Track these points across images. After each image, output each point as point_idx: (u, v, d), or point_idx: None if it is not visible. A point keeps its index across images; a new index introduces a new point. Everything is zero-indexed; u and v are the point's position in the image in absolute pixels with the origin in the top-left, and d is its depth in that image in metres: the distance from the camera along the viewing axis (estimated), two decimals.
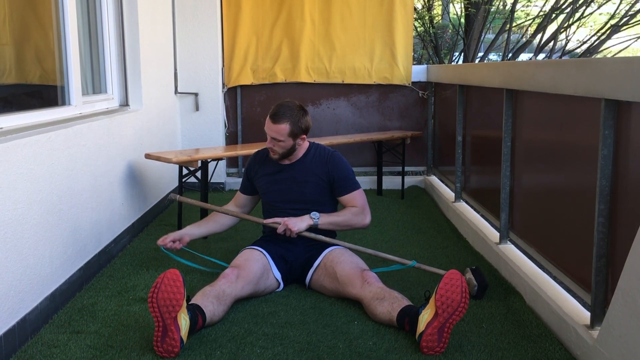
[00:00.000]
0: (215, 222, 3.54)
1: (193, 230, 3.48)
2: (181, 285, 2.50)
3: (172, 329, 2.48)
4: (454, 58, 10.88)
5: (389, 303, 2.80)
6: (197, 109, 5.87)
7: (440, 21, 11.71)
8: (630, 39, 9.72)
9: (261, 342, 2.65)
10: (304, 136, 3.33)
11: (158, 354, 2.50)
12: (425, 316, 2.56)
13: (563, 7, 9.40)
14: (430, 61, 10.63)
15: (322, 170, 3.39)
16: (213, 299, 2.81)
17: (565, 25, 9.59)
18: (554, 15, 9.56)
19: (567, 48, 10.24)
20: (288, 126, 3.23)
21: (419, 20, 9.93)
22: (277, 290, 3.25)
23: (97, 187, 3.60)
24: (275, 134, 3.26)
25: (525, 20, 10.75)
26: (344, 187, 3.39)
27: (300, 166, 3.39)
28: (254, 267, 3.11)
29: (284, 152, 3.32)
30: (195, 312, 2.67)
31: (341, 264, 3.13)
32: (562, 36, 10.00)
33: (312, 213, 3.27)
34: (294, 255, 3.29)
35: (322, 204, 3.37)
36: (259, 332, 2.75)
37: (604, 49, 10.00)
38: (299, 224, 3.22)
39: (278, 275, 3.22)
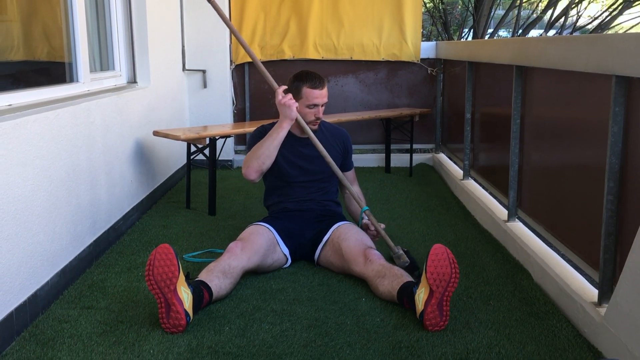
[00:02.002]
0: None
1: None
2: (174, 257, 2.52)
3: (173, 301, 2.50)
4: (463, 34, 10.79)
5: (389, 281, 2.82)
6: (205, 86, 5.86)
7: None
8: None
9: (269, 318, 2.68)
10: None
11: (166, 330, 2.53)
12: (422, 295, 2.59)
13: None
14: (439, 37, 10.55)
15: (339, 143, 3.49)
16: (218, 273, 2.83)
17: (577, 0, 9.47)
18: None
19: (578, 24, 10.13)
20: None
21: None
22: (285, 266, 3.26)
23: (106, 164, 3.61)
24: (325, 97, 3.32)
25: None
26: (350, 162, 3.57)
27: (320, 138, 3.37)
28: (259, 240, 3.12)
29: None
30: (200, 287, 2.69)
31: (346, 241, 3.15)
32: (573, 12, 9.88)
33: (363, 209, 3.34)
34: (303, 231, 3.30)
35: (334, 175, 3.41)
36: (267, 309, 2.77)
37: (616, 25, 9.89)
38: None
39: (286, 250, 3.23)
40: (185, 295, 2.56)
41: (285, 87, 3.26)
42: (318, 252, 3.26)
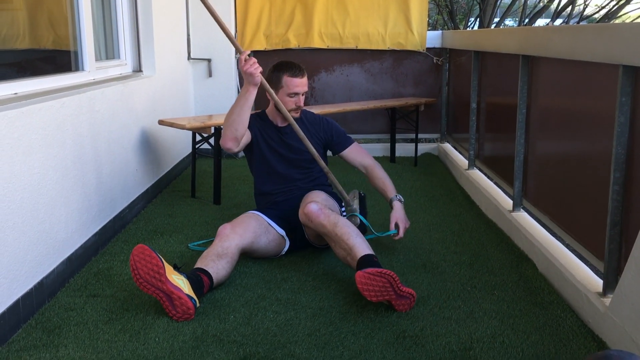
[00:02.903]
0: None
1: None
2: (151, 252, 2.54)
3: (171, 290, 2.52)
4: (469, 23, 10.74)
5: (339, 249, 2.92)
6: (210, 75, 5.86)
7: None
8: None
9: (274, 307, 2.69)
10: None
11: (177, 319, 2.54)
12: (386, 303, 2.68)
13: None
14: (445, 27, 10.50)
15: (319, 130, 3.48)
16: (213, 256, 2.85)
17: None
18: None
19: (585, 13, 10.07)
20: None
21: None
22: (285, 248, 3.26)
23: (111, 153, 3.62)
24: (306, 86, 3.34)
25: None
26: (343, 142, 3.53)
27: (300, 127, 3.34)
28: (249, 220, 3.14)
29: None
30: (196, 273, 2.72)
31: (299, 211, 3.18)
32: (580, 1, 9.82)
33: (395, 196, 3.41)
34: (294, 217, 3.26)
35: (316, 163, 3.40)
36: (272, 297, 2.78)
37: (623, 14, 9.82)
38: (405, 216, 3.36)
39: (281, 231, 3.23)
40: (180, 281, 2.58)
41: (249, 51, 3.23)
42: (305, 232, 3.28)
